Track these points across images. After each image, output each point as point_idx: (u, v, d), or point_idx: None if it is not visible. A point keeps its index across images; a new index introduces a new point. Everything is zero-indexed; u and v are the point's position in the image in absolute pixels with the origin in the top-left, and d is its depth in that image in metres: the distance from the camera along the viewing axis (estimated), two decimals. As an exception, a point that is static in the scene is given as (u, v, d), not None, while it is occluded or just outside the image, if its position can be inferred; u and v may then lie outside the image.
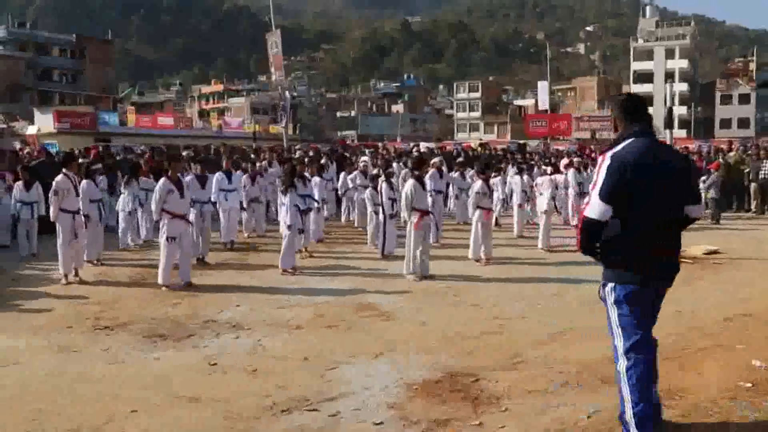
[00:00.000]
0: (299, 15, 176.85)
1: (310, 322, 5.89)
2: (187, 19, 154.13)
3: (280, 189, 8.91)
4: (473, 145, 32.35)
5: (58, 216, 7.70)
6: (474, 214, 8.95)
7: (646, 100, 3.38)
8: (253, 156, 16.10)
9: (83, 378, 4.48)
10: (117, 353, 5.04)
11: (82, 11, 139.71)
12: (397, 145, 35.04)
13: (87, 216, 8.11)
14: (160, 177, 7.95)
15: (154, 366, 4.74)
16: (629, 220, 2.93)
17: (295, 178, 8.87)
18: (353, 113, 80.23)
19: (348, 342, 5.25)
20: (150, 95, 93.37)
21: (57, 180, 7.79)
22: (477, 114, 72.77)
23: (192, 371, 4.61)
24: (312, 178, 10.80)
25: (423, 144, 35.93)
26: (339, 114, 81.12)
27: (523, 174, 11.88)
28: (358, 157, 16.45)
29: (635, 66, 64.59)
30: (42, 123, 33.35)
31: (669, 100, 25.08)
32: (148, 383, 4.35)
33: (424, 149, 25.30)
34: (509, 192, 12.65)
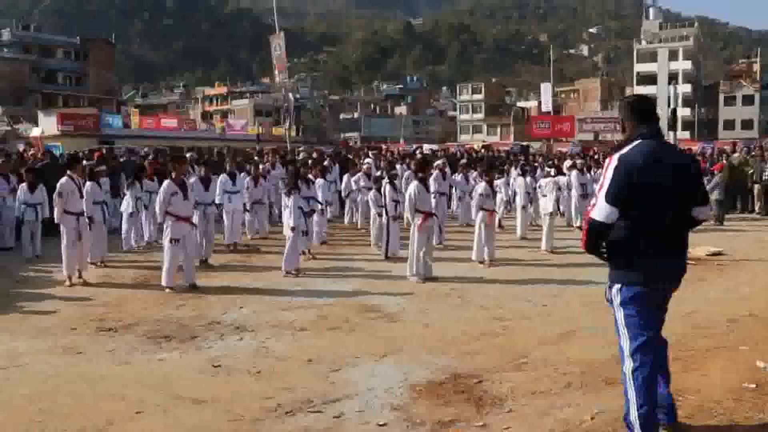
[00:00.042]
0: (301, 17, 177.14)
1: (313, 323, 5.89)
2: (190, 22, 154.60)
3: (283, 191, 8.93)
4: (476, 147, 32.35)
5: (62, 218, 7.74)
6: (477, 215, 8.96)
7: (653, 101, 3.38)
8: (257, 158, 16.13)
9: (88, 379, 4.49)
10: (121, 355, 5.05)
11: (85, 14, 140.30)
12: (400, 147, 35.09)
13: (91, 218, 8.13)
14: (163, 179, 7.98)
15: (158, 367, 4.75)
16: (636, 221, 2.93)
17: (299, 180, 8.89)
18: (356, 115, 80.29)
19: (352, 343, 5.25)
20: (153, 97, 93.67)
21: (61, 182, 7.82)
22: (480, 116, 72.76)
23: (196, 373, 4.62)
24: (316, 180, 10.83)
25: (426, 146, 35.97)
26: (342, 116, 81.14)
27: (527, 176, 11.88)
28: (361, 159, 16.47)
29: (638, 68, 64.53)
30: (46, 125, 33.50)
31: (672, 101, 25.08)
32: (152, 384, 4.36)
33: (427, 151, 25.34)
34: (512, 194, 12.65)
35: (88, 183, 8.43)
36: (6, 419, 3.85)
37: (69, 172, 7.97)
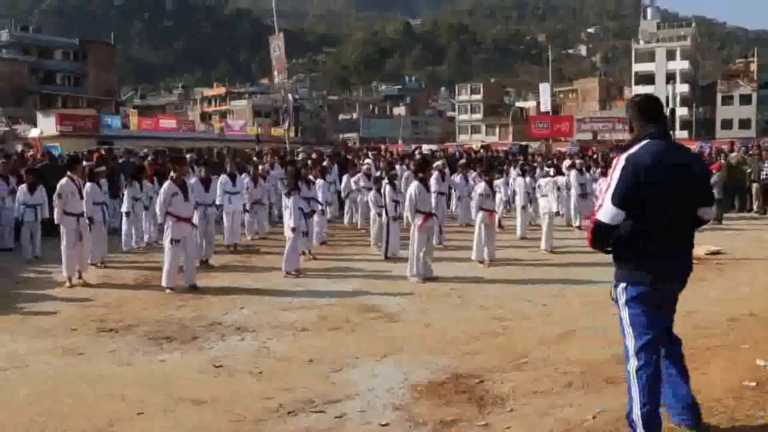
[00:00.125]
0: (301, 18, 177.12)
1: (314, 324, 5.90)
2: (189, 22, 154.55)
3: (283, 192, 8.93)
4: (475, 147, 32.37)
5: (62, 219, 7.74)
6: (477, 216, 8.97)
7: (661, 101, 3.37)
8: (256, 159, 16.13)
9: (88, 380, 4.49)
10: (122, 355, 5.05)
11: (85, 14, 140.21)
12: (399, 148, 35.10)
13: (91, 218, 8.13)
14: (163, 180, 7.98)
15: (159, 368, 4.75)
16: (642, 220, 2.93)
17: (299, 180, 8.89)
18: (355, 116, 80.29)
19: (352, 344, 5.26)
20: (152, 98, 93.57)
21: (61, 183, 7.82)
22: (478, 116, 72.77)
23: (198, 373, 4.62)
24: (316, 180, 10.83)
25: (425, 146, 35.98)
26: (341, 116, 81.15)
27: (526, 176, 11.90)
28: (360, 160, 16.48)
29: (636, 67, 64.57)
30: (45, 126, 33.39)
31: (670, 101, 25.11)
32: (153, 385, 4.36)
33: (426, 151, 25.34)
34: (512, 194, 12.66)
35: (88, 184, 8.43)
36: (7, 420, 3.85)
37: (69, 173, 7.97)
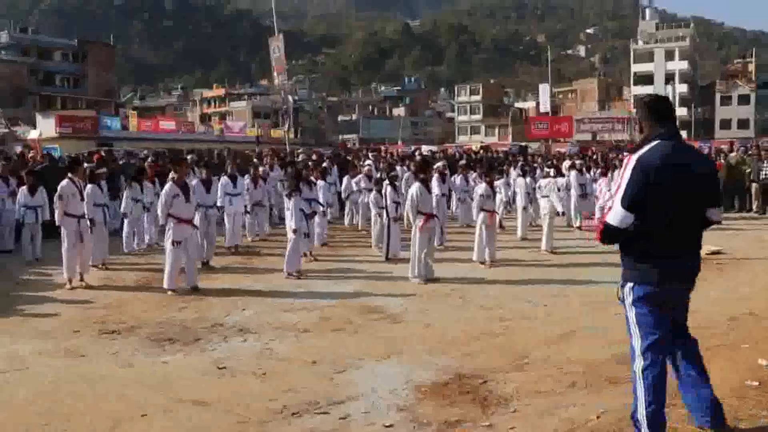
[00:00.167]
0: (300, 18, 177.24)
1: (316, 325, 5.91)
2: (189, 23, 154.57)
3: (284, 193, 8.94)
4: (474, 148, 32.41)
5: (62, 220, 7.74)
6: (478, 216, 8.98)
7: (671, 101, 3.37)
8: (256, 160, 16.13)
9: (92, 382, 4.49)
10: (125, 357, 5.05)
11: (85, 14, 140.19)
12: (399, 149, 35.15)
13: (92, 220, 8.13)
14: (163, 181, 7.98)
15: (162, 369, 4.76)
16: (651, 221, 2.94)
17: (301, 182, 8.90)
18: (354, 116, 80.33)
19: (355, 345, 5.27)
20: (151, 99, 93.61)
21: (62, 185, 7.83)
22: (478, 117, 72.81)
23: (201, 375, 4.62)
24: (317, 181, 10.85)
25: (425, 147, 36.04)
26: (340, 117, 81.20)
27: (527, 176, 11.91)
28: (361, 161, 16.49)
29: (635, 68, 64.63)
30: (44, 127, 33.39)
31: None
32: (156, 387, 4.36)
33: (425, 152, 25.37)
34: (512, 194, 12.67)
35: (88, 185, 8.43)
36: (9, 421, 3.85)
37: (70, 174, 7.97)
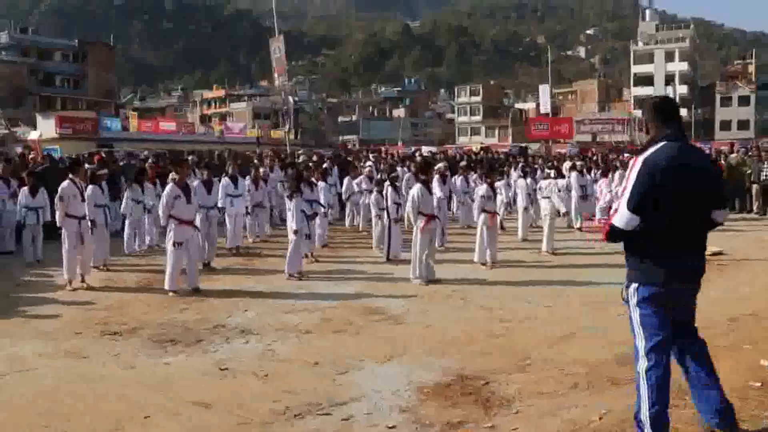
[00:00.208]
0: (300, 19, 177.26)
1: (318, 326, 5.91)
2: (189, 24, 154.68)
3: (286, 194, 8.95)
4: (474, 149, 32.44)
5: (63, 221, 7.74)
6: (479, 217, 8.99)
7: (677, 103, 3.38)
8: (256, 161, 16.14)
9: (94, 383, 4.49)
10: (127, 358, 5.05)
11: (85, 15, 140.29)
12: (399, 150, 35.19)
13: (93, 221, 8.14)
14: (164, 182, 7.99)
15: (165, 371, 4.75)
16: (656, 222, 2.94)
17: (302, 183, 8.90)
18: (354, 117, 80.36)
19: (357, 346, 5.27)
20: (152, 100, 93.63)
21: (62, 186, 7.82)
22: (478, 118, 72.86)
23: (203, 376, 4.62)
24: (318, 183, 10.86)
25: (425, 148, 36.08)
26: (340, 118, 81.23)
27: (527, 177, 11.91)
28: (361, 162, 16.49)
29: (635, 69, 64.69)
30: (44, 128, 33.39)
31: (670, 102, 25.09)
32: (159, 388, 4.36)
33: (426, 153, 25.39)
34: (513, 195, 12.66)
35: (89, 186, 8.43)
36: (11, 423, 3.85)
37: (71, 175, 7.98)
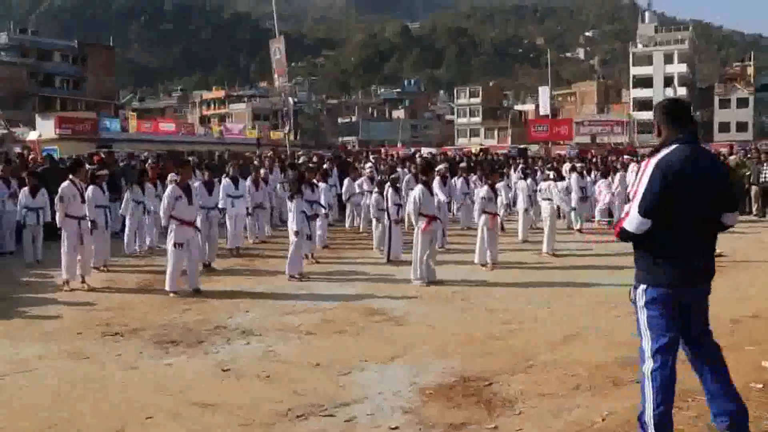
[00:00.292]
0: (300, 21, 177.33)
1: (319, 327, 5.90)
2: (188, 26, 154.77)
3: (286, 195, 8.95)
4: (473, 151, 32.47)
5: (63, 222, 7.73)
6: (480, 219, 8.99)
7: (689, 105, 3.37)
8: (256, 162, 16.15)
9: (96, 385, 4.48)
10: (129, 359, 5.04)
11: (84, 17, 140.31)
12: (399, 151, 35.21)
13: (93, 222, 8.13)
14: (164, 183, 7.98)
15: (167, 372, 4.75)
16: (667, 224, 2.95)
17: (303, 184, 8.90)
18: (354, 119, 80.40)
19: (359, 347, 5.26)
20: (151, 101, 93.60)
21: (63, 186, 7.82)
22: (477, 119, 72.94)
23: (205, 377, 4.62)
24: (318, 184, 10.86)
25: (424, 149, 36.12)
26: (340, 120, 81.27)
27: (528, 178, 11.92)
28: (361, 163, 16.50)
29: (634, 71, 64.76)
30: (43, 129, 33.35)
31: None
32: (162, 389, 4.36)
33: (426, 154, 25.40)
34: (513, 197, 12.67)
35: (90, 187, 8.43)
36: (12, 424, 3.85)
37: (71, 176, 7.97)
